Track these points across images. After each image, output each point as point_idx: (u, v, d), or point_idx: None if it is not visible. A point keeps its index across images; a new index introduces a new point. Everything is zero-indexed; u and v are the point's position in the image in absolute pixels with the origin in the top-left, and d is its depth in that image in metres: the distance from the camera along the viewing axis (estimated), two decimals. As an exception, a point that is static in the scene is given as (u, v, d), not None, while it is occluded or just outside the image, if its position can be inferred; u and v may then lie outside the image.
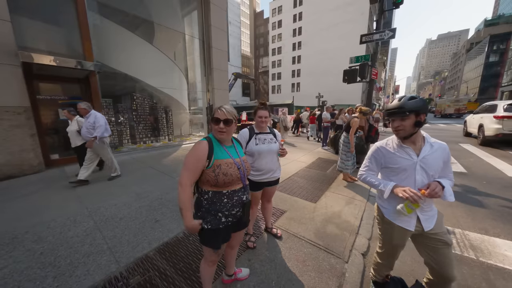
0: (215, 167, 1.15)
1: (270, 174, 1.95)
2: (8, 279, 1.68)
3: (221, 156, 1.20)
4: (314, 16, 37.32)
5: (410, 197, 1.12)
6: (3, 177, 3.93)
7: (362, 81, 5.17)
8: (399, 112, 1.18)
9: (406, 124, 1.17)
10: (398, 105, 1.19)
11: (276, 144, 1.94)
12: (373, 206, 2.96)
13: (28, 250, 2.03)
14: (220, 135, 1.23)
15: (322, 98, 22.94)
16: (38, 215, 2.68)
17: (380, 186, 1.30)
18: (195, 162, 1.15)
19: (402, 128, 1.19)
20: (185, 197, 1.12)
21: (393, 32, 4.89)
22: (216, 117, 1.21)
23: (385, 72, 50.06)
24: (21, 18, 4.32)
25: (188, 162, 1.15)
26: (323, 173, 4.46)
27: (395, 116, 1.20)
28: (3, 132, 3.92)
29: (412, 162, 1.21)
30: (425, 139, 1.24)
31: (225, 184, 1.18)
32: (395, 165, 1.26)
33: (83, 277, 1.71)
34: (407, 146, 1.24)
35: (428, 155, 1.20)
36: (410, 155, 1.22)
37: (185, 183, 1.12)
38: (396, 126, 1.21)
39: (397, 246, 1.36)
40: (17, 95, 4.05)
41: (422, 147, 1.22)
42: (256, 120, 1.92)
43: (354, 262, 1.91)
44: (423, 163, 1.20)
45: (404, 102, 1.17)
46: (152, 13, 7.92)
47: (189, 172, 1.14)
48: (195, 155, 1.15)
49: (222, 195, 1.20)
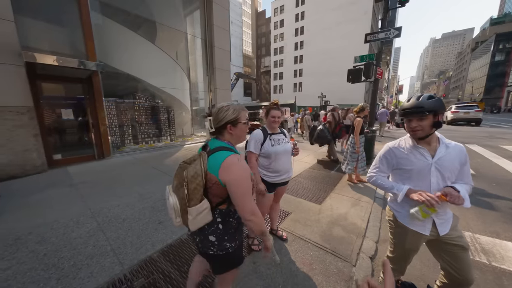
0: (252, 180, 1.03)
1: (287, 175, 1.92)
2: (12, 281, 1.66)
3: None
4: (316, 16, 37.13)
5: (427, 200, 1.06)
6: (6, 177, 3.94)
7: (367, 81, 5.09)
8: (417, 111, 1.11)
9: (424, 125, 1.12)
10: (416, 104, 1.13)
11: (289, 144, 1.93)
12: (379, 208, 2.91)
13: (31, 251, 2.01)
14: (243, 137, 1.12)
15: (324, 98, 22.82)
16: (41, 215, 2.67)
17: (393, 189, 1.25)
18: (251, 183, 0.98)
19: (421, 129, 1.13)
20: (262, 219, 0.99)
21: (399, 31, 4.81)
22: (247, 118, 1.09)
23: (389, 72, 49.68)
24: (24, 18, 4.32)
25: (248, 188, 0.95)
26: (328, 173, 4.41)
27: (412, 115, 1.14)
28: (6, 132, 3.92)
29: (427, 163, 1.16)
30: (439, 140, 1.19)
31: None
32: (408, 167, 1.21)
33: (87, 279, 1.69)
34: (421, 147, 1.19)
35: (443, 156, 1.15)
36: (424, 156, 1.17)
37: (256, 209, 0.96)
38: (414, 126, 1.14)
39: (410, 251, 1.31)
40: (21, 95, 4.05)
41: (437, 148, 1.17)
42: (268, 120, 1.88)
43: (362, 265, 1.86)
44: (438, 164, 1.15)
45: (423, 101, 1.11)
46: (154, 12, 7.92)
47: (252, 197, 0.97)
48: (248, 173, 0.96)
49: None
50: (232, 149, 1.02)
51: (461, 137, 9.10)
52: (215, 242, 1.00)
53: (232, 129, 1.04)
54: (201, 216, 0.94)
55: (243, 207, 0.93)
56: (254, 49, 59.48)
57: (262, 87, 56.45)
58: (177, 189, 1.00)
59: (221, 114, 1.02)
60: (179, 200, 0.98)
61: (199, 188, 0.93)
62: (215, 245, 1.01)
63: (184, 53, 9.47)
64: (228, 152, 0.97)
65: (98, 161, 5.40)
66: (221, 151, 0.97)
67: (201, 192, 0.93)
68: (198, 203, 0.93)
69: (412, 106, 1.14)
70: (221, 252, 1.02)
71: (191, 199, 0.93)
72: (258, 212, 0.95)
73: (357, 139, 3.66)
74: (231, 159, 0.94)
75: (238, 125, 1.05)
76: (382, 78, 5.72)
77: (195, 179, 0.93)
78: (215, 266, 1.10)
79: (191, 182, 0.93)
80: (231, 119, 1.02)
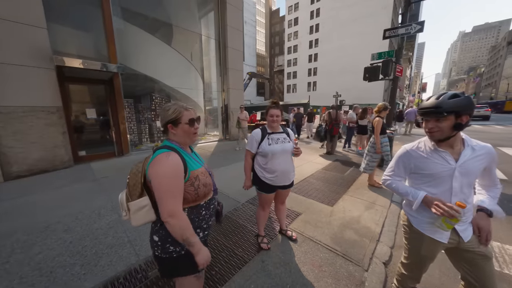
0: (192, 180, 0.98)
1: (285, 177, 1.87)
2: (43, 264, 1.84)
3: (194, 165, 1.03)
4: (332, 12, 36.08)
5: (445, 212, 0.97)
6: (38, 171, 4.32)
7: (384, 79, 4.85)
8: (434, 112, 1.03)
9: (443, 126, 1.02)
10: (434, 104, 1.03)
11: (290, 144, 1.87)
12: (396, 212, 2.78)
13: (59, 238, 2.20)
14: (195, 137, 1.08)
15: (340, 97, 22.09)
16: (68, 207, 2.91)
17: (409, 196, 1.17)
18: (178, 181, 0.91)
19: (438, 130, 1.04)
20: (185, 223, 0.91)
21: (421, 26, 4.52)
22: (191, 118, 1.02)
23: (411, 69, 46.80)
24: (54, 25, 4.69)
25: (170, 185, 0.88)
26: (341, 175, 4.29)
27: (429, 116, 1.06)
28: (39, 130, 4.30)
29: (449, 168, 1.07)
30: (465, 142, 1.09)
31: (204, 195, 1.04)
32: (427, 171, 1.13)
33: (107, 267, 1.82)
34: (443, 150, 1.09)
35: (468, 160, 1.05)
36: (447, 161, 1.07)
37: (177, 210, 0.89)
38: (430, 127, 1.06)
39: (425, 258, 1.23)
40: (51, 96, 4.42)
41: (462, 151, 1.07)
42: (267, 120, 1.87)
43: (375, 271, 1.80)
44: (462, 168, 1.05)
45: (443, 101, 1.01)
46: (171, 15, 8.20)
47: (177, 196, 0.90)
48: (174, 173, 0.90)
49: (200, 208, 1.04)
50: (175, 148, 0.98)
51: (491, 139, 8.36)
52: (158, 242, 0.98)
53: (173, 129, 1.01)
54: (142, 212, 0.95)
55: (161, 207, 0.89)
56: (268, 48, 59.29)
57: (275, 87, 56.11)
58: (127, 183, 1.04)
59: (163, 114, 1.01)
60: (125, 195, 1.01)
61: (138, 185, 0.95)
62: (158, 246, 0.98)
63: (198, 54, 9.70)
64: (165, 150, 0.94)
65: (118, 158, 5.74)
66: (160, 149, 0.95)
67: (140, 188, 0.95)
68: (136, 198, 0.95)
69: (430, 106, 1.05)
70: (165, 255, 0.98)
71: (132, 195, 0.96)
72: (179, 215, 0.89)
73: (377, 140, 3.52)
74: (160, 156, 0.91)
75: (180, 126, 1.00)
76: (402, 76, 5.40)
77: (135, 175, 0.97)
78: (159, 268, 1.05)
79: (132, 178, 0.97)
80: (171, 119, 0.99)
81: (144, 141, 7.44)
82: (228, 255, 1.95)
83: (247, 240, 2.17)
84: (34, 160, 4.27)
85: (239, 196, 3.18)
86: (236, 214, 2.71)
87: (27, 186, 3.67)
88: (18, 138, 4.07)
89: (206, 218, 1.08)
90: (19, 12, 3.96)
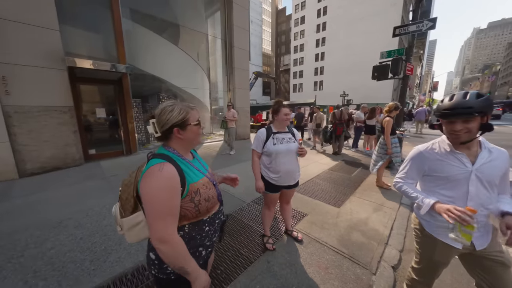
0: (192, 195, 0.83)
1: (289, 177, 1.86)
2: (55, 259, 1.90)
3: (194, 177, 0.87)
4: (339, 10, 35.51)
5: (458, 217, 0.91)
6: (51, 169, 4.47)
7: (394, 78, 4.73)
8: (464, 112, 0.95)
9: (472, 127, 0.96)
10: (463, 103, 0.96)
11: (295, 144, 1.86)
12: (406, 215, 2.72)
13: (70, 234, 2.27)
14: (197, 140, 0.93)
15: (347, 96, 21.74)
16: (79, 203, 2.99)
17: (418, 200, 1.14)
18: (172, 200, 0.76)
19: (467, 131, 0.97)
20: (179, 250, 0.77)
21: (433, 22, 4.37)
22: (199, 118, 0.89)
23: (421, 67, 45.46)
24: (66, 26, 4.82)
25: (162, 205, 0.74)
26: (348, 176, 4.22)
27: (458, 117, 0.97)
28: (52, 129, 4.45)
29: (466, 171, 1.03)
30: (481, 144, 1.05)
31: (207, 210, 0.90)
32: (442, 174, 1.09)
33: (115, 263, 1.86)
34: (459, 152, 1.04)
35: (486, 163, 1.01)
36: (463, 163, 1.03)
37: (169, 235, 0.75)
38: (459, 129, 0.98)
39: (438, 263, 1.19)
40: (63, 96, 4.56)
41: (479, 154, 1.03)
42: (281, 119, 1.83)
43: (383, 274, 1.76)
44: (479, 172, 1.01)
45: (472, 100, 0.95)
46: (178, 16, 8.29)
47: (169, 219, 0.76)
48: (167, 190, 0.75)
49: (203, 224, 0.89)
50: (170, 157, 0.83)
51: (507, 140, 8.00)
52: (155, 261, 0.84)
53: (181, 133, 0.85)
54: (136, 229, 0.85)
55: (150, 230, 0.76)
56: (274, 47, 59.05)
57: (281, 86, 55.84)
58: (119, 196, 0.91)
59: (165, 116, 0.83)
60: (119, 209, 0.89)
61: (130, 199, 0.83)
62: (155, 265, 0.85)
63: (204, 54, 9.76)
64: (158, 160, 0.79)
65: (126, 156, 5.86)
66: (153, 159, 0.80)
67: (132, 203, 0.83)
68: (129, 214, 0.84)
69: (458, 105, 0.97)
70: (162, 276, 0.85)
71: (124, 210, 0.85)
72: (171, 241, 0.75)
73: (388, 140, 3.43)
74: (152, 169, 0.76)
75: (188, 128, 0.86)
76: (412, 75, 5.25)
77: (128, 188, 0.85)
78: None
79: (124, 191, 0.86)
80: (177, 122, 0.83)
81: (151, 140, 7.57)
82: (233, 255, 1.95)
83: (252, 240, 2.17)
84: (47, 158, 4.42)
85: (245, 195, 3.18)
86: (241, 214, 2.71)
87: (40, 183, 3.81)
88: (33, 136, 4.22)
89: (209, 235, 0.93)
90: (34, 15, 4.10)
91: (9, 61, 3.91)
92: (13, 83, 3.97)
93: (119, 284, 1.65)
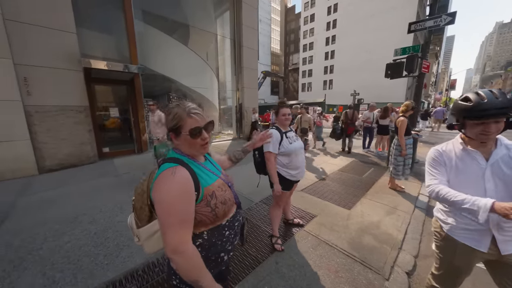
0: (208, 198, 0.78)
1: (303, 170, 2.00)
2: (71, 253, 1.98)
3: (209, 179, 0.82)
4: (350, 7, 34.62)
5: None
6: (68, 166, 4.68)
7: (409, 76, 4.53)
8: (504, 113, 0.92)
9: (501, 127, 0.96)
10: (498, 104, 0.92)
11: (300, 140, 2.01)
12: (421, 219, 2.60)
13: (85, 229, 2.35)
14: (205, 149, 0.85)
15: (358, 95, 21.16)
16: (93, 200, 3.11)
17: (469, 203, 0.93)
18: (186, 206, 0.72)
19: (497, 131, 0.95)
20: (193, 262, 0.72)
21: (452, 17, 4.14)
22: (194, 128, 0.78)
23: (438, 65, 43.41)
24: (82, 29, 5.03)
25: (176, 213, 0.69)
26: (359, 177, 4.10)
27: (496, 117, 0.93)
28: (69, 127, 4.65)
29: (480, 168, 1.01)
30: (497, 141, 1.03)
31: (225, 214, 0.85)
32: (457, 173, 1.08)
33: (127, 259, 1.91)
34: (473, 149, 1.03)
35: (501, 159, 0.99)
36: (477, 160, 1.02)
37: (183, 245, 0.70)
38: (493, 131, 0.95)
39: (459, 269, 1.12)
40: (79, 96, 4.76)
41: (493, 150, 1.00)
42: (280, 119, 1.91)
43: (397, 280, 1.69)
44: (495, 168, 0.98)
45: (505, 100, 0.93)
46: (188, 16, 8.41)
47: (185, 224, 0.71)
48: (181, 195, 0.70)
49: (222, 229, 0.85)
50: (182, 160, 0.78)
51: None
52: (177, 270, 0.77)
53: (176, 138, 0.81)
54: (154, 238, 0.81)
55: (163, 240, 0.70)
56: (283, 46, 58.60)
57: (290, 85, 55.34)
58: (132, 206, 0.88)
59: (166, 118, 0.82)
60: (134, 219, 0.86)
61: (144, 207, 0.79)
62: (176, 275, 0.79)
63: (213, 54, 9.86)
64: (170, 165, 0.75)
65: (137, 155, 6.03)
66: (164, 164, 0.77)
67: (147, 211, 0.79)
68: (146, 224, 0.80)
69: (493, 106, 0.92)
70: (184, 286, 0.81)
71: (140, 219, 0.81)
72: (185, 251, 0.70)
73: (402, 141, 3.28)
74: (164, 174, 0.72)
75: (182, 135, 0.79)
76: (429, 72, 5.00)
77: (141, 196, 0.81)
78: None
79: (137, 200, 0.82)
80: (171, 126, 0.79)
81: (161, 139, 7.73)
82: (241, 254, 1.95)
83: (260, 241, 2.15)
84: (64, 155, 4.63)
85: (253, 195, 3.17)
86: (249, 213, 2.70)
87: (58, 180, 3.99)
88: (51, 135, 4.44)
89: (230, 239, 0.88)
90: (53, 19, 4.30)
91: (30, 63, 4.13)
92: (34, 84, 4.19)
93: (131, 279, 1.69)
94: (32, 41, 4.11)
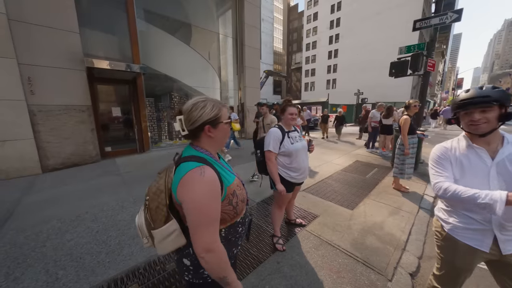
0: (230, 197, 0.80)
1: (305, 173, 1.93)
2: (73, 250, 2.00)
3: (230, 179, 0.83)
4: (354, 5, 34.27)
5: None
6: (71, 165, 4.73)
7: (413, 75, 4.45)
8: (482, 101, 0.95)
9: (491, 117, 0.95)
10: (480, 93, 0.98)
11: (305, 141, 1.93)
12: (425, 220, 2.56)
13: (87, 227, 2.37)
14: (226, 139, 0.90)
15: (361, 95, 20.96)
16: (95, 198, 3.13)
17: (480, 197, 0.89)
18: (217, 205, 0.74)
19: (486, 121, 0.95)
20: (224, 258, 0.75)
21: (458, 14, 4.05)
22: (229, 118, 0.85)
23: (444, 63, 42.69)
24: (85, 29, 5.05)
25: (209, 212, 0.71)
26: (362, 177, 4.05)
27: (475, 106, 0.97)
28: (72, 127, 4.69)
29: (484, 166, 0.98)
30: (504, 139, 1.00)
31: (241, 211, 0.88)
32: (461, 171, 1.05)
33: (128, 257, 1.91)
34: (478, 146, 1.01)
35: (507, 158, 0.96)
36: (482, 158, 0.99)
37: (215, 243, 0.73)
38: (477, 119, 0.97)
39: (460, 270, 1.10)
40: (82, 95, 4.79)
41: (499, 149, 0.98)
42: (286, 118, 1.86)
43: (400, 281, 1.66)
44: (500, 167, 0.96)
45: (488, 90, 0.97)
46: (190, 15, 8.39)
47: (215, 223, 0.73)
48: (212, 195, 0.72)
49: (237, 226, 0.87)
50: (205, 159, 0.78)
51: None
52: (190, 267, 0.81)
53: (211, 131, 0.80)
54: (169, 239, 0.78)
55: (195, 239, 0.72)
56: (285, 45, 58.35)
57: (293, 85, 55.13)
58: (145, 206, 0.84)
59: (196, 112, 0.77)
60: (144, 219, 0.83)
61: (162, 207, 0.77)
62: (190, 271, 0.82)
63: (216, 53, 9.83)
64: (195, 164, 0.74)
65: (139, 154, 6.06)
66: (187, 162, 0.75)
67: (165, 212, 0.77)
68: (162, 225, 0.77)
69: (475, 95, 0.98)
70: (198, 281, 0.83)
71: (154, 220, 0.78)
72: (217, 249, 0.72)
73: (405, 140, 3.24)
74: (192, 173, 0.71)
75: (219, 126, 0.81)
76: (434, 71, 4.89)
77: (157, 196, 0.78)
78: None
79: (152, 200, 0.78)
80: (209, 119, 0.78)
81: (163, 139, 7.76)
82: (242, 254, 1.94)
83: (262, 240, 2.14)
84: (67, 154, 4.67)
85: (254, 195, 3.16)
86: (250, 213, 2.69)
87: (61, 178, 4.03)
88: (54, 134, 4.48)
89: (242, 235, 0.92)
90: (57, 19, 4.33)
91: (34, 63, 4.17)
92: (37, 83, 4.23)
93: (132, 277, 1.70)
94: (35, 41, 4.15)
